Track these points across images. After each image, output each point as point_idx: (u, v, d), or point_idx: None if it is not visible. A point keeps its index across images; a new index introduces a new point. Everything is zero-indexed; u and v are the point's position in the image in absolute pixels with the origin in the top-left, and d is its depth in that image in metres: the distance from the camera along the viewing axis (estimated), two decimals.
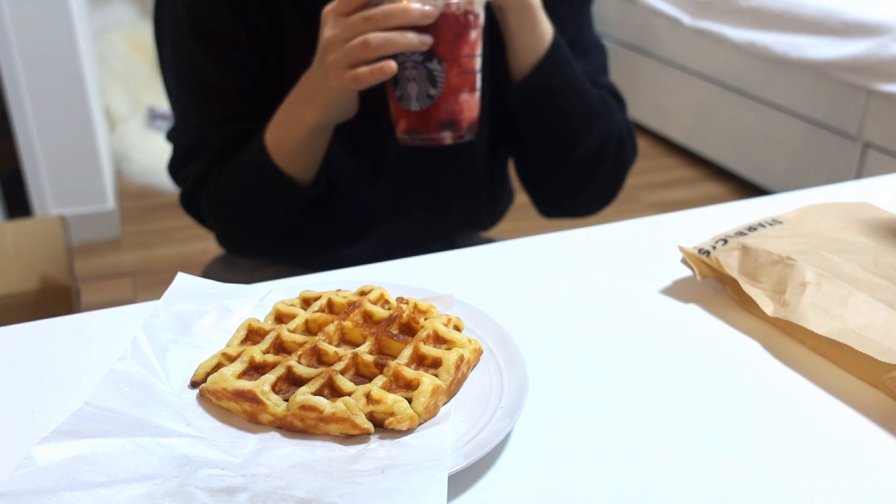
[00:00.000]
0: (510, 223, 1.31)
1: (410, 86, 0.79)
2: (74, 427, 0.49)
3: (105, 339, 0.63)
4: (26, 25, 2.21)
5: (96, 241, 2.49)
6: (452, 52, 0.78)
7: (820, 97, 2.45)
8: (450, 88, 0.79)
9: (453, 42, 0.78)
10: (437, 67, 0.78)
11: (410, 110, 0.80)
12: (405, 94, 0.80)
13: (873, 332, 0.58)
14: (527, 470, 0.51)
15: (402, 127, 0.82)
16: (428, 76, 0.78)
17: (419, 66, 0.78)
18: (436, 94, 0.79)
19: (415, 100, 0.79)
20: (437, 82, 0.78)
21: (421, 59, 0.78)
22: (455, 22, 0.77)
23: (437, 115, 0.80)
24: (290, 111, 0.86)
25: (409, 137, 0.82)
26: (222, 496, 0.46)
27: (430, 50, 0.77)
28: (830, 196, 0.86)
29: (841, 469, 0.51)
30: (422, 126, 0.81)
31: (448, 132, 0.81)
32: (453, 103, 0.80)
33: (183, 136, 0.96)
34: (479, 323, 0.62)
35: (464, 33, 0.78)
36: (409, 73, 0.79)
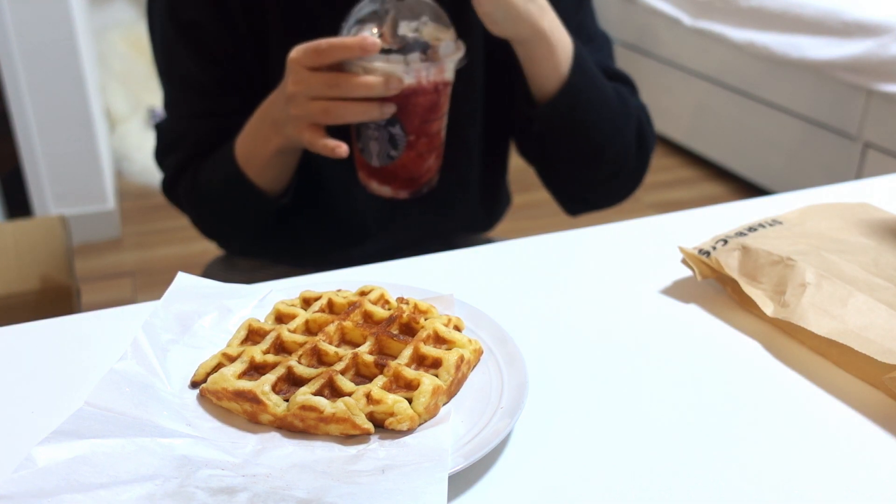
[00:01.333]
0: (510, 223, 1.31)
1: (372, 144, 0.80)
2: (74, 427, 0.49)
3: (105, 339, 0.63)
4: (26, 25, 2.21)
5: (96, 241, 2.49)
6: (415, 120, 0.78)
7: (820, 97, 2.45)
8: (410, 150, 0.80)
9: (417, 110, 0.78)
10: (399, 133, 0.78)
11: (371, 164, 0.81)
12: (367, 148, 0.81)
13: (873, 333, 0.58)
14: (527, 470, 0.51)
15: (363, 175, 0.84)
16: (389, 139, 0.79)
17: (381, 129, 0.78)
18: (396, 156, 0.80)
19: (375, 156, 0.80)
20: (398, 145, 0.79)
21: (384, 123, 0.78)
22: (421, 92, 0.77)
23: (395, 173, 0.81)
24: (257, 129, 0.86)
25: (369, 186, 0.83)
26: (222, 496, 0.46)
27: (393, 116, 0.77)
28: (830, 196, 0.86)
29: (841, 469, 0.51)
30: (381, 180, 0.82)
31: (405, 189, 0.82)
32: (413, 164, 0.81)
33: (166, 126, 0.98)
34: (479, 323, 0.62)
35: (429, 101, 0.78)
36: (371, 132, 0.79)
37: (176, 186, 0.97)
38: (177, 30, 0.92)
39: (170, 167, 0.97)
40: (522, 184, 1.27)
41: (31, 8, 2.20)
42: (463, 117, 0.97)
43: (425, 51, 0.75)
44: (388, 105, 0.76)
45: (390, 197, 0.83)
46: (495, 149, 1.06)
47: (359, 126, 0.80)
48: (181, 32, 0.92)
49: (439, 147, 0.82)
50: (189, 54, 0.93)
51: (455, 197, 1.04)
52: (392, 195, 0.82)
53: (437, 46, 0.76)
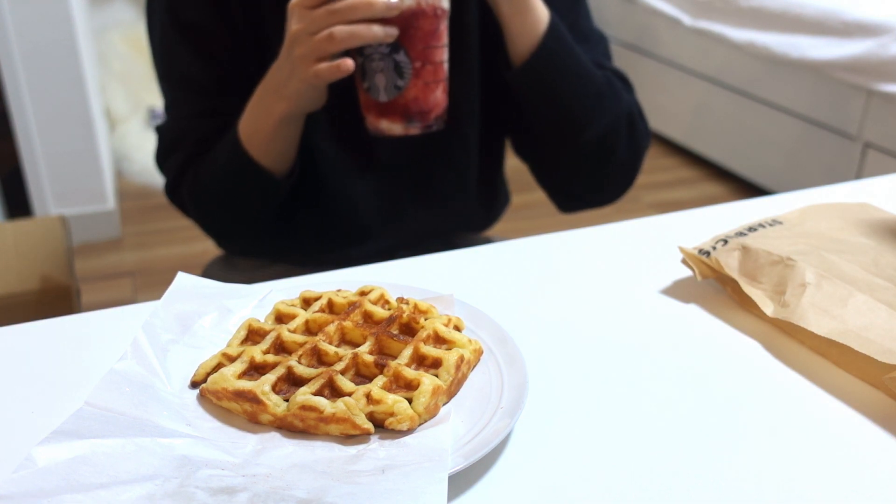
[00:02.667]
0: (510, 223, 1.31)
1: (378, 77, 0.80)
2: (74, 427, 0.49)
3: (105, 339, 0.63)
4: (26, 25, 2.21)
5: (96, 241, 2.49)
6: (419, 44, 0.79)
7: (820, 97, 2.45)
8: (417, 79, 0.80)
9: (419, 34, 0.79)
10: (404, 59, 0.79)
11: (379, 101, 0.81)
12: (373, 84, 0.81)
13: (873, 333, 0.58)
14: (527, 470, 0.51)
15: (371, 117, 0.83)
16: (395, 67, 0.79)
17: (386, 58, 0.79)
18: (403, 85, 0.80)
19: (383, 91, 0.80)
20: (404, 73, 0.79)
21: (388, 50, 0.78)
22: (421, 14, 0.78)
23: (404, 105, 0.81)
24: (260, 102, 0.87)
25: (378, 128, 0.83)
26: (222, 496, 0.46)
27: (396, 42, 0.78)
28: (830, 196, 0.86)
29: (841, 469, 0.51)
30: (390, 116, 0.81)
31: (416, 122, 0.82)
32: (420, 93, 0.81)
33: (167, 127, 0.98)
34: (479, 323, 0.62)
35: (430, 25, 0.79)
36: (376, 64, 0.79)
37: (179, 187, 0.97)
38: (177, 31, 0.92)
39: (171, 168, 0.97)
40: (521, 184, 1.27)
41: (31, 8, 2.20)
42: (462, 116, 0.97)
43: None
44: (391, 27, 0.77)
45: (402, 135, 0.82)
46: (493, 147, 1.06)
47: (363, 63, 0.80)
48: (181, 33, 0.92)
49: (445, 80, 0.83)
50: (189, 54, 0.93)
51: (454, 195, 1.04)
52: (403, 132, 0.82)
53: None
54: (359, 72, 0.81)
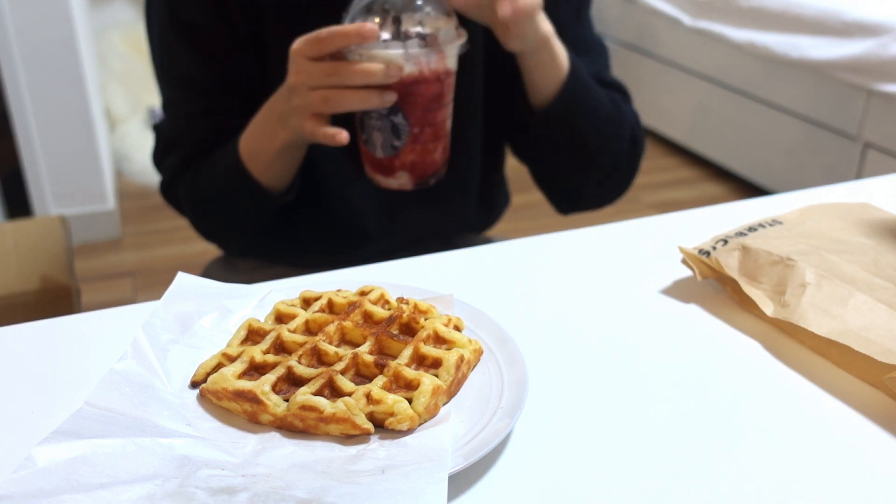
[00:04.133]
0: (510, 223, 1.31)
1: (375, 134, 0.79)
2: (74, 427, 0.49)
3: (105, 339, 0.63)
4: (26, 25, 2.21)
5: (96, 241, 2.49)
6: (418, 110, 0.77)
7: (820, 97, 2.45)
8: (415, 143, 0.78)
9: (420, 99, 0.76)
10: (402, 122, 0.77)
11: (375, 156, 0.80)
12: (370, 139, 0.80)
13: (873, 333, 0.58)
14: (527, 470, 0.51)
15: (367, 166, 0.82)
16: (392, 129, 0.77)
17: (384, 119, 0.77)
18: (399, 146, 0.78)
19: (379, 148, 0.79)
20: (400, 135, 0.77)
21: (386, 112, 0.77)
22: (423, 82, 0.75)
23: (399, 164, 0.79)
24: (263, 125, 0.86)
25: (374, 178, 0.82)
26: (222, 496, 0.46)
27: (395, 105, 0.76)
28: (830, 196, 0.86)
29: (841, 469, 0.51)
30: (385, 172, 0.81)
31: (410, 180, 0.81)
32: (418, 157, 0.79)
33: (165, 126, 0.98)
34: (479, 323, 0.62)
35: (432, 90, 0.76)
36: (374, 122, 0.78)
37: (174, 187, 0.97)
38: (175, 30, 0.92)
39: (169, 168, 0.97)
40: (522, 184, 1.27)
41: (31, 8, 2.20)
42: (463, 118, 0.97)
43: (424, 38, 0.74)
44: (389, 93, 0.75)
45: (396, 189, 0.81)
46: (494, 148, 1.06)
47: (362, 117, 0.79)
48: (180, 32, 0.92)
49: (445, 137, 0.81)
50: (188, 54, 0.93)
51: (455, 196, 1.04)
52: (398, 187, 0.81)
53: (437, 33, 0.75)
54: (358, 123, 0.80)
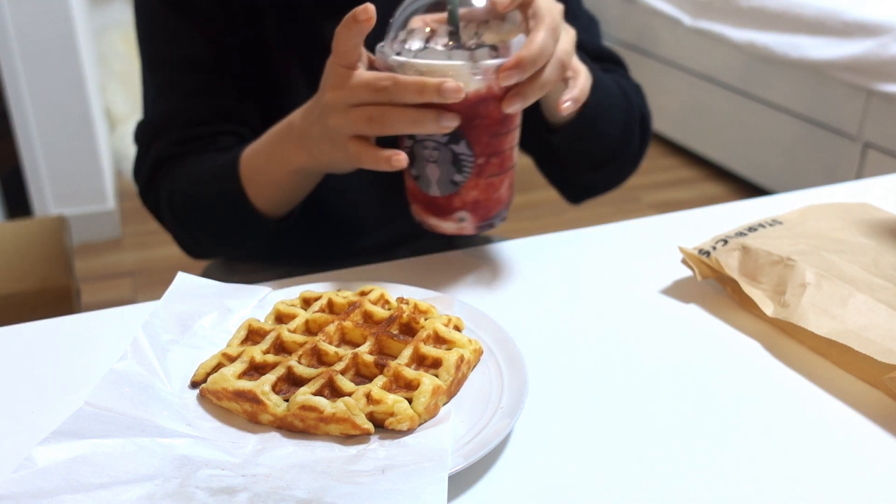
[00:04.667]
0: (510, 223, 1.31)
1: (430, 168, 0.65)
2: (74, 427, 0.49)
3: (105, 339, 0.63)
4: (26, 25, 2.21)
5: (96, 241, 2.49)
6: (484, 135, 0.63)
7: (820, 97, 2.45)
8: (479, 177, 0.64)
9: (486, 122, 0.63)
10: (465, 151, 0.63)
11: (428, 194, 0.66)
12: (423, 175, 0.66)
13: (873, 333, 0.58)
14: (527, 470, 0.51)
15: (416, 207, 0.69)
16: (453, 160, 0.64)
17: (442, 148, 0.63)
18: (461, 182, 0.64)
19: (434, 184, 0.65)
20: (463, 168, 0.64)
21: (445, 140, 0.63)
22: (491, 99, 0.62)
23: (460, 203, 0.66)
24: (278, 144, 0.76)
25: (426, 222, 0.69)
26: (222, 496, 0.46)
27: (457, 130, 0.62)
28: (830, 196, 0.86)
29: (841, 469, 0.51)
30: (441, 214, 0.67)
31: (472, 222, 0.67)
32: (482, 193, 0.65)
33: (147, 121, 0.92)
34: (479, 323, 0.62)
35: (501, 110, 0.63)
36: (429, 153, 0.64)
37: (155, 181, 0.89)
38: (170, 9, 0.88)
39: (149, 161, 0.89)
40: (522, 184, 1.27)
41: (31, 8, 2.20)
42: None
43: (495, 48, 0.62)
44: (449, 115, 0.62)
45: (454, 234, 0.69)
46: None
47: (413, 147, 0.65)
48: (175, 10, 0.87)
49: (512, 169, 0.68)
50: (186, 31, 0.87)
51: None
52: (456, 231, 0.68)
53: (509, 42, 0.62)
54: (407, 154, 0.64)
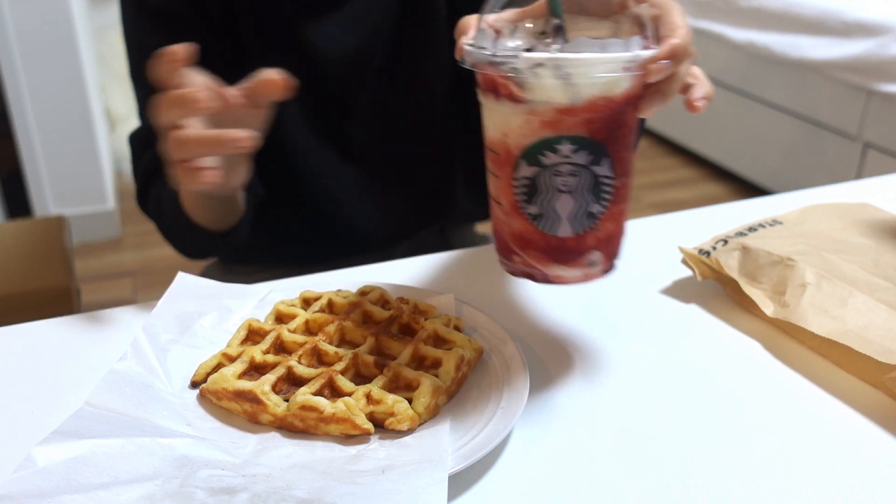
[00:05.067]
0: None
1: (562, 200, 0.51)
2: (74, 427, 0.49)
3: (105, 339, 0.63)
4: (26, 25, 2.21)
5: (96, 241, 2.49)
6: (622, 148, 0.52)
7: (820, 97, 2.45)
8: (616, 203, 0.52)
9: (626, 132, 0.52)
10: (607, 173, 0.51)
11: (555, 236, 0.52)
12: (549, 212, 0.52)
13: (873, 333, 0.58)
14: (527, 470, 0.51)
15: (531, 255, 0.54)
16: (592, 186, 0.51)
17: (582, 172, 0.50)
18: (600, 214, 0.52)
19: (566, 221, 0.52)
20: (602, 195, 0.51)
21: (587, 160, 0.50)
22: (633, 101, 0.51)
23: (594, 241, 0.53)
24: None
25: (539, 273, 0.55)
26: (223, 496, 0.46)
27: (599, 144, 0.50)
28: (830, 196, 0.86)
29: (841, 469, 0.51)
30: (566, 258, 0.53)
31: (602, 264, 0.55)
32: (616, 225, 0.54)
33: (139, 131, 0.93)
34: (479, 323, 0.62)
35: (636, 116, 0.52)
36: (562, 180, 0.51)
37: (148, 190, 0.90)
38: (147, 19, 0.89)
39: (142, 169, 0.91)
40: None
41: (31, 8, 2.20)
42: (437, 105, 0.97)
43: (643, 34, 0.51)
44: (241, 132, 0.56)
45: (579, 282, 0.55)
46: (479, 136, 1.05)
47: (537, 178, 0.51)
48: (152, 21, 0.88)
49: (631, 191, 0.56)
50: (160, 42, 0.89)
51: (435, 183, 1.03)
52: (583, 279, 0.55)
53: (646, 28, 0.51)
54: (519, 189, 0.52)
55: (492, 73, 0.51)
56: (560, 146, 0.50)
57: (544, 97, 0.49)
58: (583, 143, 0.50)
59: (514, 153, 0.51)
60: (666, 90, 0.52)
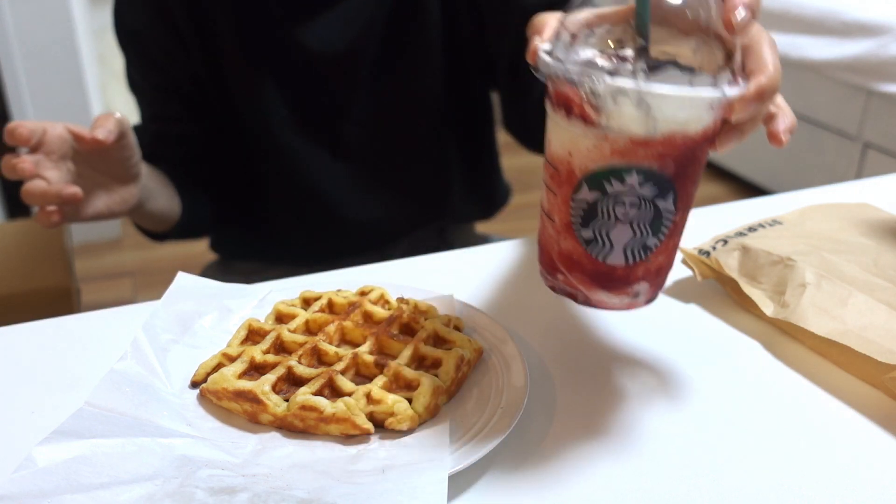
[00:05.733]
0: (510, 223, 1.31)
1: (619, 230, 0.50)
2: (75, 427, 0.49)
3: (105, 339, 0.63)
4: (26, 25, 2.21)
5: (96, 241, 2.49)
6: (690, 184, 0.51)
7: (820, 97, 2.45)
8: (672, 235, 0.51)
9: (697, 168, 0.51)
10: (670, 207, 0.50)
11: (605, 263, 0.51)
12: (603, 238, 0.50)
13: (873, 333, 0.58)
14: (527, 470, 0.51)
15: (576, 278, 0.53)
16: (653, 219, 0.50)
17: (645, 205, 0.49)
18: (655, 246, 0.51)
19: (621, 251, 0.50)
20: (660, 229, 0.50)
21: (653, 193, 0.49)
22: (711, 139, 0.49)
23: (642, 273, 0.52)
24: None
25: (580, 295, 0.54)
26: (223, 496, 0.46)
27: (667, 179, 0.48)
28: (830, 196, 0.86)
29: (841, 469, 0.51)
30: (613, 287, 0.52)
31: (647, 294, 0.53)
32: (668, 258, 0.53)
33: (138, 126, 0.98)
34: (479, 323, 0.62)
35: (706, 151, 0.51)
36: (624, 211, 0.49)
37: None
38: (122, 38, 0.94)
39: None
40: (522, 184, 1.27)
41: (31, 8, 2.20)
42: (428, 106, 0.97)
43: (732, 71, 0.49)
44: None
45: (617, 309, 0.54)
46: (474, 136, 1.05)
47: (598, 203, 0.49)
48: (127, 40, 0.94)
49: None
50: (134, 61, 0.94)
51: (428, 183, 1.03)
52: (626, 307, 0.53)
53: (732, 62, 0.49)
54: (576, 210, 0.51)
55: (567, 91, 0.48)
56: (628, 176, 0.48)
57: (620, 125, 0.46)
58: (652, 177, 0.48)
59: (576, 174, 0.49)
60: (746, 129, 0.50)
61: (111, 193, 0.79)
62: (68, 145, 0.74)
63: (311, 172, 0.97)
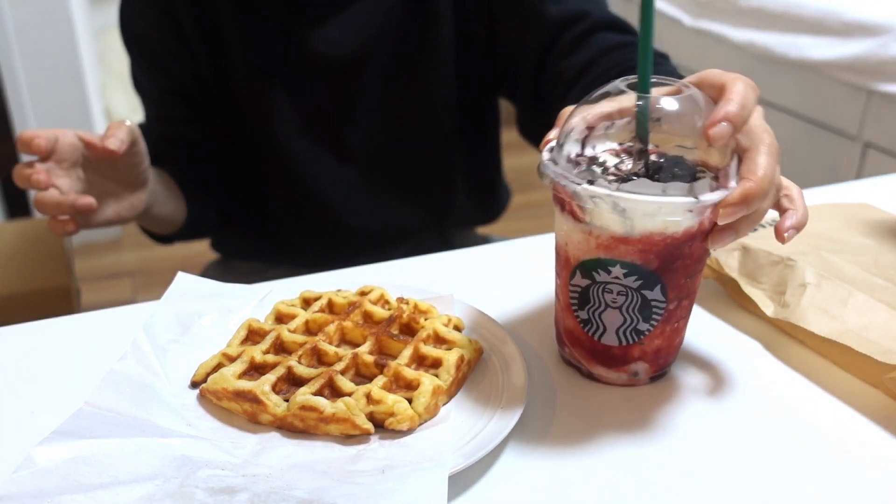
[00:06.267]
0: (510, 223, 1.31)
1: (610, 315, 0.54)
2: (74, 427, 0.49)
3: (105, 339, 0.63)
4: (26, 25, 2.21)
5: (96, 241, 2.49)
6: (682, 276, 0.53)
7: (820, 97, 2.45)
8: (666, 321, 0.54)
9: (689, 262, 0.53)
10: (658, 297, 0.53)
11: (600, 342, 0.56)
12: (596, 321, 0.55)
13: (873, 333, 0.58)
14: (527, 470, 0.51)
15: (574, 352, 0.58)
16: (640, 307, 0.54)
17: (632, 294, 0.53)
18: (647, 331, 0.54)
19: (613, 333, 0.55)
20: (651, 317, 0.54)
21: (638, 284, 0.52)
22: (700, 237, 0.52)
23: (639, 354, 0.56)
24: None
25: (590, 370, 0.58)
26: (223, 496, 0.46)
27: (653, 273, 0.52)
28: (830, 196, 0.86)
29: (841, 469, 0.51)
30: (610, 364, 0.57)
31: (646, 373, 0.57)
32: (666, 341, 0.56)
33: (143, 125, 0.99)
34: (479, 323, 0.62)
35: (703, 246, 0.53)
36: (612, 298, 0.54)
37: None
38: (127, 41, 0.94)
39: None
40: (522, 184, 1.27)
41: (31, 8, 2.20)
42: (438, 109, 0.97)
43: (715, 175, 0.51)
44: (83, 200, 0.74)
45: (620, 385, 0.58)
46: (479, 140, 1.05)
47: (590, 289, 0.54)
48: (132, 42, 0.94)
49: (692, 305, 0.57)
50: (137, 63, 0.95)
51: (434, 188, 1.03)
52: (625, 383, 0.58)
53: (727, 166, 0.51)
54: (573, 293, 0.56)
55: (559, 190, 0.53)
56: (612, 268, 0.53)
57: (602, 224, 0.51)
58: (635, 270, 0.52)
59: (571, 262, 0.55)
60: (740, 228, 0.52)
61: (120, 200, 0.80)
62: (79, 153, 0.74)
63: (316, 177, 0.97)
